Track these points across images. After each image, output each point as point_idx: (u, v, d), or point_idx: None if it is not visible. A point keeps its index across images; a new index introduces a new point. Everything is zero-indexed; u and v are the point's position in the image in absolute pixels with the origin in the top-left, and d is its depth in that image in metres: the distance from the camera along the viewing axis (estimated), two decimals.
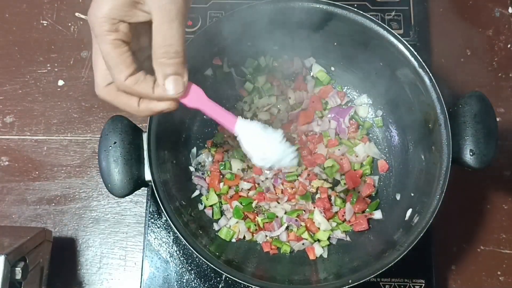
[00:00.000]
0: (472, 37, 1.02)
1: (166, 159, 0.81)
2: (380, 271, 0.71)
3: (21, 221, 0.92)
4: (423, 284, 0.85)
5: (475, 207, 0.93)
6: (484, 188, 0.94)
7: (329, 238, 0.86)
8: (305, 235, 0.85)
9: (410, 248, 0.71)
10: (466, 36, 1.02)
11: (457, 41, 1.02)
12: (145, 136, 0.75)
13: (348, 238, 0.86)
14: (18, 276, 0.73)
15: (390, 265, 0.71)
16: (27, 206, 0.93)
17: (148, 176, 0.74)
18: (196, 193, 0.89)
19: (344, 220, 0.87)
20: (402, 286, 0.85)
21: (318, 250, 0.84)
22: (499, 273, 0.90)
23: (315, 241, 0.86)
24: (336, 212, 0.87)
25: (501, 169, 0.95)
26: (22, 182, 0.94)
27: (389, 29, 0.79)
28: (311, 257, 0.84)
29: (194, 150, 0.91)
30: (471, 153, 0.73)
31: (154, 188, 0.73)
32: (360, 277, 0.71)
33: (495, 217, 0.93)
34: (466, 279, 0.89)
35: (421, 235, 0.72)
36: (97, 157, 0.93)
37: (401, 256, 0.71)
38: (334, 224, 0.86)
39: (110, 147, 0.73)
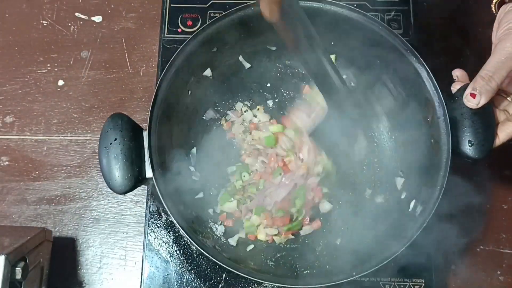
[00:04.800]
0: (472, 37, 1.02)
1: (166, 157, 0.81)
2: (386, 262, 0.71)
3: (21, 221, 0.92)
4: (423, 284, 0.85)
5: (474, 207, 0.93)
6: (484, 188, 0.94)
7: None
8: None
9: (413, 238, 0.72)
10: (466, 36, 1.02)
11: (457, 41, 1.02)
12: (145, 134, 0.76)
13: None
14: (18, 276, 0.73)
15: (395, 255, 0.71)
16: (27, 206, 0.93)
17: (148, 173, 0.74)
18: (200, 195, 0.88)
19: None
20: (402, 286, 0.85)
21: (326, 206, 0.86)
22: (498, 272, 0.90)
23: None
24: None
25: (501, 169, 0.95)
26: (22, 182, 0.94)
27: (383, 23, 0.80)
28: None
29: (194, 150, 0.91)
30: (469, 144, 0.74)
31: (155, 185, 0.73)
32: (364, 269, 0.71)
33: (495, 217, 0.93)
34: (466, 279, 0.89)
35: (424, 225, 0.72)
36: (97, 157, 0.94)
37: (405, 246, 0.71)
38: None
39: (111, 144, 0.73)
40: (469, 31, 1.03)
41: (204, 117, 0.92)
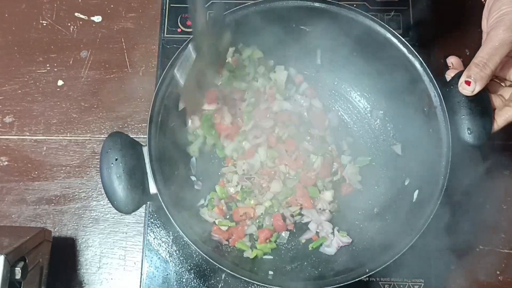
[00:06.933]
0: (471, 37, 1.02)
1: (168, 170, 0.80)
2: (397, 256, 0.71)
3: (21, 221, 0.92)
4: (422, 284, 0.85)
5: (474, 206, 0.93)
6: (483, 188, 0.94)
7: None
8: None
9: (423, 229, 0.72)
10: (465, 36, 1.02)
11: (456, 41, 1.02)
12: (145, 150, 0.75)
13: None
14: (18, 276, 0.73)
15: (405, 249, 0.71)
16: (26, 206, 0.93)
17: (152, 189, 0.73)
18: (202, 201, 0.88)
19: None
20: (401, 286, 0.85)
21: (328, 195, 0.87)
22: (498, 272, 0.90)
23: None
24: None
25: (500, 169, 0.95)
26: (21, 182, 0.94)
27: (374, 18, 0.81)
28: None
29: (193, 159, 0.90)
30: (468, 131, 0.74)
31: (161, 201, 0.72)
32: (377, 265, 0.71)
33: (495, 217, 0.93)
34: (465, 278, 0.89)
35: (432, 215, 0.72)
36: (97, 156, 0.94)
37: (416, 238, 0.72)
38: None
39: (112, 164, 0.72)
40: (468, 31, 1.03)
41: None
